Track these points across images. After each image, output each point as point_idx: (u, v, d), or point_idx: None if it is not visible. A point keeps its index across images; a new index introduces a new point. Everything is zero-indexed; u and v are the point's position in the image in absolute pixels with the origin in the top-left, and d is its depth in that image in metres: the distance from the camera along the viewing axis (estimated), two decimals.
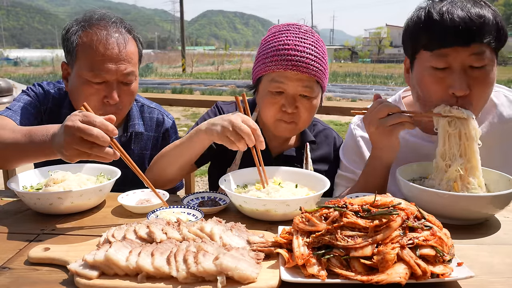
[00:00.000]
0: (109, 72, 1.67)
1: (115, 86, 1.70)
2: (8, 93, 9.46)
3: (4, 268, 1.02)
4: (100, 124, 1.17)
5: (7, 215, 1.36)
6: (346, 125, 9.71)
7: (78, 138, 1.15)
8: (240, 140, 1.38)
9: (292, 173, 1.58)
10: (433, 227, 0.96)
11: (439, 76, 1.43)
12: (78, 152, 1.18)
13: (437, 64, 1.42)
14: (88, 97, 1.68)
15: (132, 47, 1.75)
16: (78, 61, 1.69)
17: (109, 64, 1.66)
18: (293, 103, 1.64)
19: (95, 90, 1.69)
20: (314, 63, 1.62)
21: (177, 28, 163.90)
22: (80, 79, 1.69)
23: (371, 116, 1.46)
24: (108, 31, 1.69)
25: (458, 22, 1.36)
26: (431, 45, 1.42)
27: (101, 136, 1.15)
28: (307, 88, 1.63)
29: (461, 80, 1.39)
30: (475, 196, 1.27)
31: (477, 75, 1.41)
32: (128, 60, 1.71)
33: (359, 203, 1.00)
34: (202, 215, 1.29)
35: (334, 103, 3.72)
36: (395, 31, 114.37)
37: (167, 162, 1.68)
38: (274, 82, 1.64)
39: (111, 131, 1.19)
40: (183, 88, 19.36)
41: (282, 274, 0.92)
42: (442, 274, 0.89)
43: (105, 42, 1.66)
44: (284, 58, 1.61)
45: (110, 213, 1.40)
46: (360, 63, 58.13)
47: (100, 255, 0.94)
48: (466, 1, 1.41)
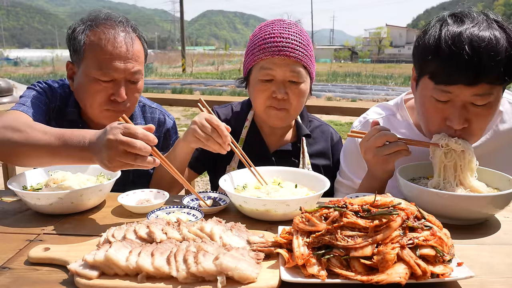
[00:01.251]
0: (117, 71, 1.68)
1: (122, 84, 1.71)
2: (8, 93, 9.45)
3: (4, 268, 1.02)
4: (142, 135, 1.19)
5: (7, 215, 1.36)
6: (346, 125, 9.72)
7: (122, 151, 1.18)
8: (209, 139, 1.44)
9: (292, 173, 1.58)
10: (433, 227, 0.96)
11: (439, 107, 1.40)
12: (122, 164, 1.20)
13: (438, 97, 1.38)
14: (95, 95, 1.70)
15: (138, 46, 1.77)
16: (85, 59, 1.70)
17: (118, 62, 1.68)
18: (283, 88, 1.72)
19: (102, 88, 1.69)
20: (300, 48, 1.71)
21: (177, 28, 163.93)
22: (88, 78, 1.70)
23: (368, 144, 1.46)
24: (116, 30, 1.70)
25: (466, 62, 1.28)
26: (436, 78, 1.37)
27: (144, 147, 1.18)
28: (295, 74, 1.71)
29: (460, 115, 1.37)
30: (475, 196, 1.27)
31: (478, 111, 1.37)
32: (135, 58, 1.73)
33: (359, 203, 1.00)
34: (202, 215, 1.29)
35: (334, 103, 3.73)
36: (395, 31, 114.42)
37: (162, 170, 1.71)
38: (263, 69, 1.72)
39: (152, 141, 1.21)
40: (183, 88, 19.37)
41: (282, 274, 0.92)
42: (442, 274, 0.89)
43: (113, 41, 1.68)
44: (271, 45, 1.70)
45: (110, 213, 1.40)
46: (360, 63, 58.14)
47: (100, 255, 0.94)
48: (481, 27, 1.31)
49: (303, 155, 1.88)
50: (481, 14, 1.37)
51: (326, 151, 1.96)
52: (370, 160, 1.49)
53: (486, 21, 1.33)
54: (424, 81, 1.42)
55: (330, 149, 1.97)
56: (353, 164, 1.81)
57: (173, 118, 2.12)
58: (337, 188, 1.86)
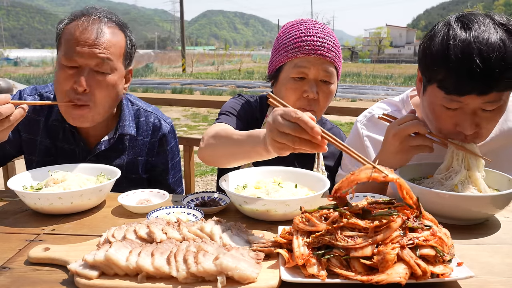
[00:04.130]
0: (81, 55, 1.59)
1: (86, 72, 1.60)
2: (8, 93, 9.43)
3: (4, 268, 1.02)
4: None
5: (7, 215, 1.36)
6: (346, 125, 9.72)
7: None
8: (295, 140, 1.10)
9: (292, 173, 1.58)
10: (433, 227, 0.96)
11: (450, 114, 1.38)
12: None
13: (448, 105, 1.36)
14: (61, 83, 1.62)
15: (115, 38, 1.67)
16: (59, 48, 1.67)
17: (83, 47, 1.59)
18: (314, 88, 1.72)
19: (67, 75, 1.61)
20: (333, 49, 1.74)
21: (177, 28, 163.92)
22: (57, 65, 1.66)
23: (400, 129, 1.44)
24: (90, 18, 1.65)
25: (477, 74, 1.26)
26: (446, 89, 1.34)
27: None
28: (328, 73, 1.73)
29: (471, 122, 1.36)
30: (475, 196, 1.27)
31: (488, 115, 1.37)
32: (105, 47, 1.63)
33: (360, 204, 1.00)
34: (202, 215, 1.29)
35: (334, 103, 3.71)
36: (395, 31, 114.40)
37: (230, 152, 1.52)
38: (297, 67, 1.72)
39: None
40: (183, 88, 19.37)
41: (282, 274, 0.92)
42: (442, 274, 0.89)
43: (84, 28, 1.61)
44: (307, 43, 1.71)
45: (110, 213, 1.40)
46: (360, 63, 58.14)
47: (100, 255, 0.94)
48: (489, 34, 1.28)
49: (318, 156, 1.90)
50: (486, 17, 1.34)
51: (337, 152, 1.99)
52: (395, 146, 1.46)
53: (492, 26, 1.31)
54: (433, 89, 1.40)
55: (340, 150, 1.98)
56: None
57: (170, 122, 2.02)
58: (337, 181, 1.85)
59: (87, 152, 1.80)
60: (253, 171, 1.57)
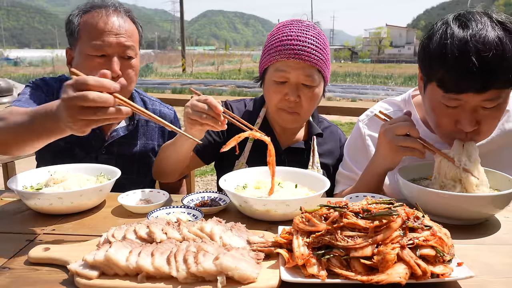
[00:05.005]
0: (109, 44, 1.72)
1: (116, 59, 1.74)
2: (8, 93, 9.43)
3: (4, 268, 1.02)
4: (94, 83, 1.04)
5: (7, 215, 1.36)
6: (347, 125, 9.71)
7: (79, 107, 1.04)
8: (202, 116, 1.42)
9: (292, 173, 1.58)
10: (433, 227, 0.96)
11: (449, 112, 1.40)
12: (86, 122, 1.07)
13: (448, 103, 1.38)
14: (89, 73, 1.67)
15: (131, 26, 1.82)
16: (80, 40, 1.76)
17: (110, 37, 1.72)
18: (296, 91, 1.73)
19: (96, 64, 1.71)
20: (316, 52, 1.71)
21: (177, 28, 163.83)
22: (82, 56, 1.74)
23: (390, 128, 1.45)
24: (108, 10, 1.78)
25: (474, 72, 1.27)
26: (444, 87, 1.35)
27: (99, 97, 1.02)
28: (309, 77, 1.72)
29: (471, 119, 1.37)
30: (475, 196, 1.27)
31: (488, 113, 1.37)
32: (128, 34, 1.78)
33: (360, 205, 1.00)
34: (202, 215, 1.29)
35: (334, 103, 3.73)
36: (395, 31, 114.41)
37: (165, 155, 1.79)
38: (278, 71, 1.73)
39: (108, 86, 1.05)
40: (183, 88, 19.36)
41: (282, 274, 0.92)
42: (442, 274, 0.89)
43: (105, 18, 1.74)
44: (287, 48, 1.71)
45: (110, 213, 1.40)
46: (360, 63, 58.15)
47: (100, 255, 0.94)
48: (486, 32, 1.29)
49: (313, 154, 1.90)
50: (483, 16, 1.35)
51: (334, 151, 2.00)
52: (384, 143, 1.48)
53: (490, 24, 1.31)
54: (432, 87, 1.41)
55: (338, 149, 2.01)
56: (356, 155, 1.81)
57: (172, 108, 2.17)
58: (338, 180, 1.87)
59: (102, 139, 1.88)
60: (253, 171, 1.57)
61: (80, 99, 1.03)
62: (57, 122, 1.15)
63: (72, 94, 1.04)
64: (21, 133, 1.31)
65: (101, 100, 1.03)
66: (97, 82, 1.04)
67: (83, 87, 1.04)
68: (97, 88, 1.04)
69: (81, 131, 1.11)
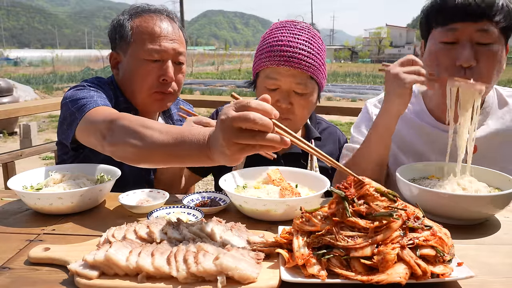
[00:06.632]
0: (165, 50, 1.75)
1: (170, 64, 1.78)
2: (8, 93, 9.43)
3: (4, 268, 1.02)
4: (256, 105, 0.97)
5: (7, 215, 1.36)
6: (347, 125, 9.71)
7: (237, 129, 0.96)
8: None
9: (292, 173, 1.58)
10: (433, 227, 0.96)
11: (448, 48, 1.50)
12: (241, 147, 0.98)
13: (446, 39, 1.49)
14: (145, 77, 1.75)
15: (181, 32, 1.87)
16: (133, 43, 1.76)
17: (165, 42, 1.76)
18: (287, 99, 1.66)
19: (151, 68, 1.75)
20: (308, 58, 1.63)
21: None
22: (136, 60, 1.76)
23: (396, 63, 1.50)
24: (159, 16, 1.81)
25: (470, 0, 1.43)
26: (443, 20, 1.50)
27: (260, 118, 0.94)
28: (300, 85, 1.64)
29: (468, 51, 1.45)
30: (475, 196, 1.27)
31: (484, 50, 1.47)
32: (180, 40, 1.83)
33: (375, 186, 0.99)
34: (202, 215, 1.29)
35: (334, 103, 3.72)
36: (395, 31, 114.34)
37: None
38: (269, 78, 1.67)
39: (269, 111, 0.97)
40: (183, 88, 19.21)
41: (282, 274, 0.92)
42: (442, 274, 0.89)
43: (160, 23, 1.78)
44: (277, 54, 1.63)
45: (110, 213, 1.40)
46: (360, 63, 58.17)
47: (100, 255, 0.94)
48: None
49: (311, 158, 1.85)
50: None
51: (334, 152, 1.95)
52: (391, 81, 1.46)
53: None
54: (432, 35, 1.56)
55: (338, 150, 1.96)
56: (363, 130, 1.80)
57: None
58: (343, 153, 1.82)
59: None
60: (253, 171, 1.57)
61: (240, 119, 0.95)
62: (207, 149, 1.06)
63: (233, 113, 0.97)
64: (158, 153, 1.19)
65: (262, 122, 0.94)
66: (259, 105, 0.97)
67: (244, 109, 0.97)
68: (258, 111, 0.96)
69: (233, 158, 1.01)
